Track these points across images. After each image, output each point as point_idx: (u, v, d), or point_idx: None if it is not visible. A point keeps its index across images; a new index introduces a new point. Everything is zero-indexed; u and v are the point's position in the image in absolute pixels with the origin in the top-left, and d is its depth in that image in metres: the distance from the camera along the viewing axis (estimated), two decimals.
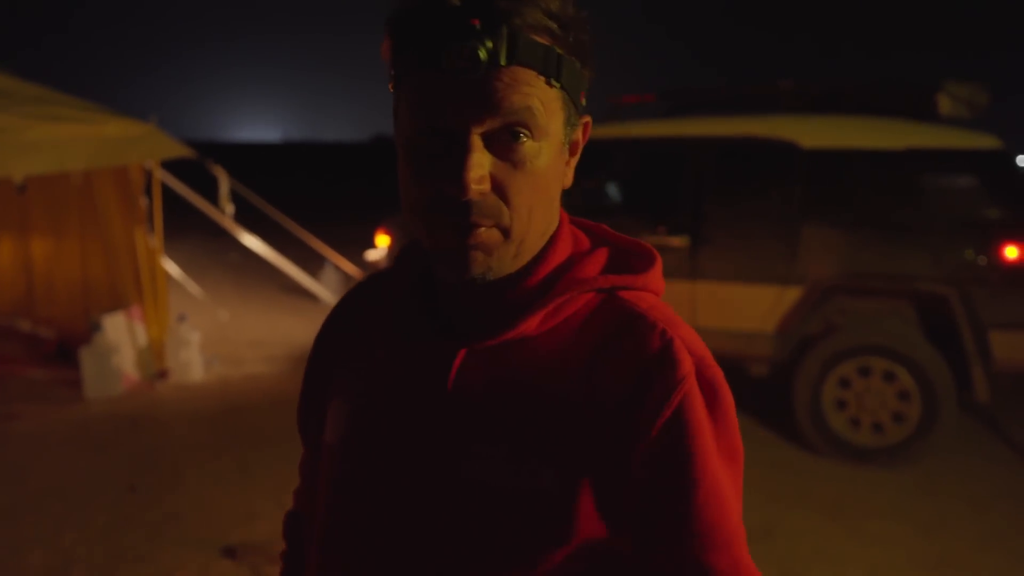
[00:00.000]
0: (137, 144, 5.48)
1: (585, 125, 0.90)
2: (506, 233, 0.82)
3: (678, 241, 4.87)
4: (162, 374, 6.09)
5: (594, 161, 5.66)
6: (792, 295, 4.70)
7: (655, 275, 0.91)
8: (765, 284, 4.76)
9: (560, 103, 0.82)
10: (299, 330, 7.73)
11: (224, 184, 6.41)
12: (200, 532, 3.83)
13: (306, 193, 19.52)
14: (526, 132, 0.79)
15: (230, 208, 6.47)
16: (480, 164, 0.78)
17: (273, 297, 9.25)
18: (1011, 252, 4.32)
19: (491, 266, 0.83)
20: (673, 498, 0.79)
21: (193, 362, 6.14)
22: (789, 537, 3.84)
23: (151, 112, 5.97)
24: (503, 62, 0.76)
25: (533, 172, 0.81)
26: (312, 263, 8.71)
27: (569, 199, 4.40)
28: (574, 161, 0.90)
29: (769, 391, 5.32)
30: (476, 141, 0.78)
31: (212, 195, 6.65)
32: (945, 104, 4.62)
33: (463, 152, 0.78)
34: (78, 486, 4.31)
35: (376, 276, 1.07)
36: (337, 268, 8.67)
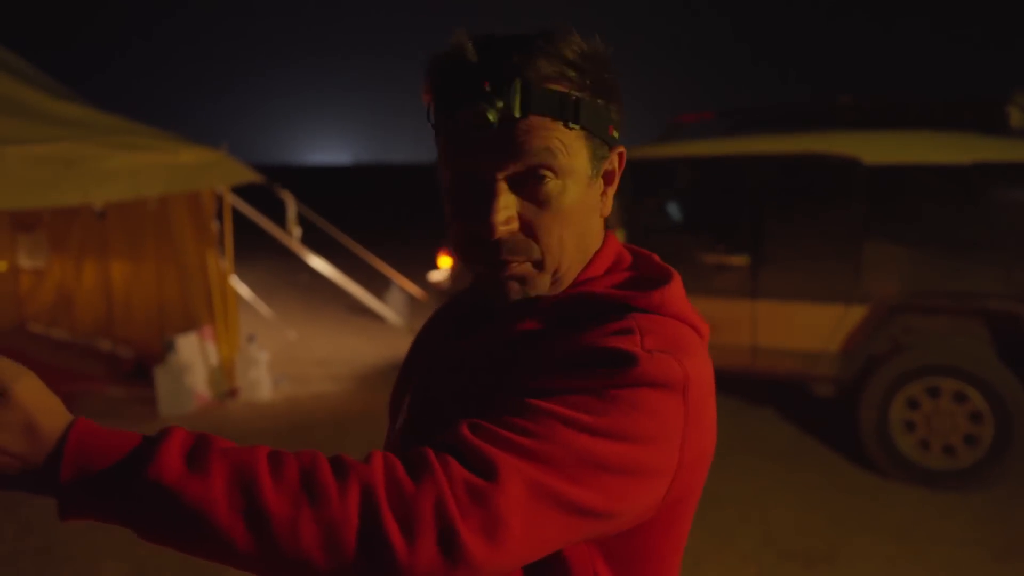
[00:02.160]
0: (209, 170, 5.68)
1: (620, 155, 0.95)
2: (539, 266, 0.90)
3: (738, 260, 4.83)
4: (232, 392, 6.27)
5: (655, 180, 5.66)
6: (857, 314, 4.61)
7: (663, 296, 0.91)
8: (828, 303, 4.68)
9: (582, 141, 0.88)
10: (365, 350, 7.87)
11: (291, 208, 6.59)
12: None
13: (374, 214, 19.88)
14: (549, 173, 0.86)
15: (297, 231, 6.65)
16: (506, 206, 0.86)
17: (340, 317, 9.43)
18: None
19: (527, 293, 0.91)
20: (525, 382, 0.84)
21: (262, 381, 6.30)
22: (853, 562, 3.75)
23: (223, 139, 6.19)
24: (517, 114, 0.83)
25: (559, 209, 0.88)
26: (378, 284, 8.86)
27: (630, 219, 4.45)
28: (611, 190, 0.96)
29: (835, 412, 5.21)
30: (502, 185, 0.86)
31: (280, 219, 6.84)
32: (1016, 116, 4.49)
33: (490, 196, 0.86)
34: None
35: (466, 290, 1.18)
36: (402, 289, 8.80)
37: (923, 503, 4.34)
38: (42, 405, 0.71)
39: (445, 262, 6.47)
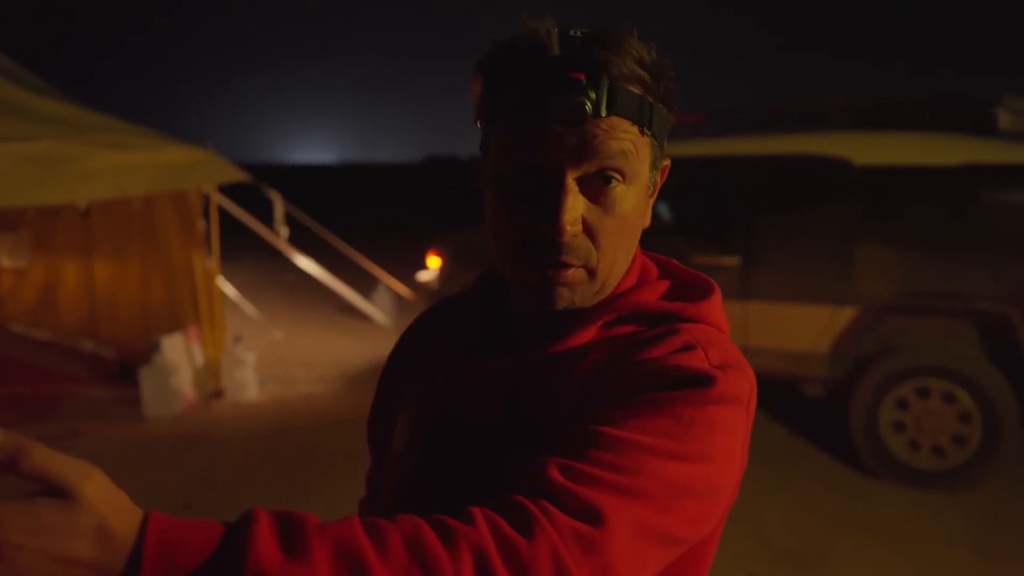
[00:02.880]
0: (195, 169, 5.62)
1: (666, 167, 0.93)
2: (592, 273, 0.87)
3: (729, 261, 4.82)
4: (218, 393, 6.21)
5: None
6: (847, 315, 4.61)
7: (710, 307, 0.91)
8: (819, 303, 4.68)
9: (649, 148, 0.86)
10: (352, 350, 7.82)
11: (279, 207, 6.55)
12: None
13: (360, 214, 19.80)
14: (618, 177, 0.83)
15: (284, 231, 6.60)
16: (575, 207, 0.82)
17: (327, 318, 9.37)
18: None
19: (574, 301, 0.87)
20: (617, 415, 0.78)
21: (248, 382, 6.25)
22: (844, 562, 3.75)
23: (208, 137, 6.14)
24: (603, 113, 0.80)
25: (621, 215, 0.85)
26: (365, 284, 8.82)
27: None
28: (652, 201, 0.93)
29: (825, 413, 5.22)
30: (572, 184, 0.82)
31: (267, 218, 6.79)
32: (1005, 118, 4.50)
33: (560, 194, 0.82)
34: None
35: (452, 297, 1.13)
36: (389, 289, 8.76)
37: (913, 503, 4.35)
38: (113, 504, 0.62)
39: (434, 262, 6.43)
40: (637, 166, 0.84)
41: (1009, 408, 4.31)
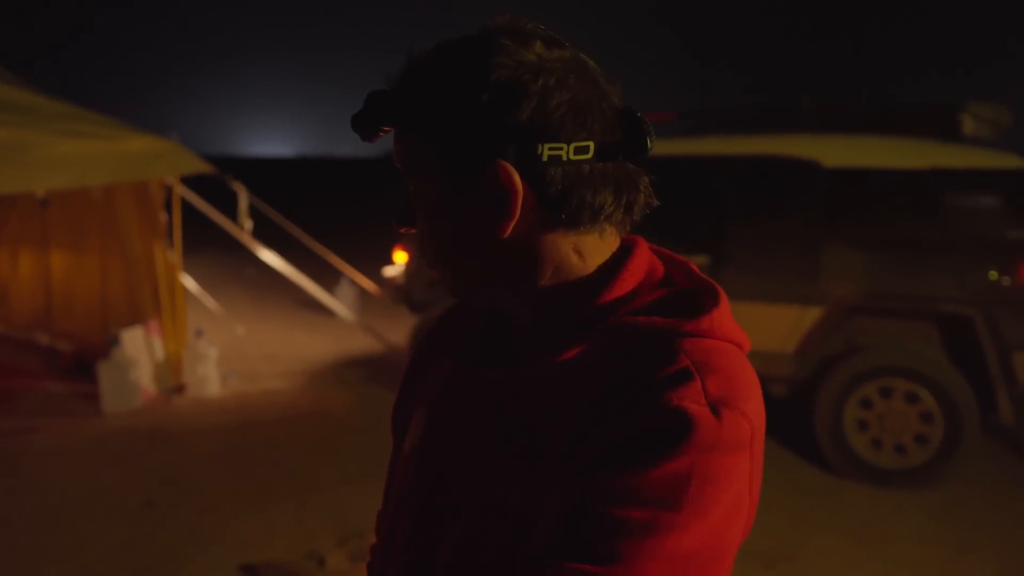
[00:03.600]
0: (158, 160, 5.50)
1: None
2: (443, 277, 0.95)
3: (698, 260, 4.85)
4: (179, 388, 6.10)
5: None
6: (813, 315, 4.67)
7: (716, 319, 0.84)
8: (786, 304, 4.72)
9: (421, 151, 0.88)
10: (315, 346, 7.74)
11: (244, 200, 6.44)
12: (219, 549, 3.82)
13: (320, 208, 19.59)
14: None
15: (249, 224, 6.49)
16: (407, 206, 0.93)
17: (290, 312, 9.26)
18: None
19: (459, 296, 0.95)
20: (617, 493, 0.73)
21: (210, 377, 6.14)
22: (812, 560, 3.79)
23: (169, 128, 5.96)
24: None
25: (432, 215, 0.90)
26: (328, 278, 8.71)
27: None
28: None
29: (791, 412, 5.28)
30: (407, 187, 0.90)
31: (230, 210, 6.68)
32: (969, 124, 4.59)
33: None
34: (96, 501, 4.31)
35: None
36: (353, 283, 8.67)
37: (878, 501, 4.42)
38: None
39: (400, 257, 6.38)
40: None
41: (970, 408, 4.39)
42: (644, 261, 0.91)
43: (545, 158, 0.80)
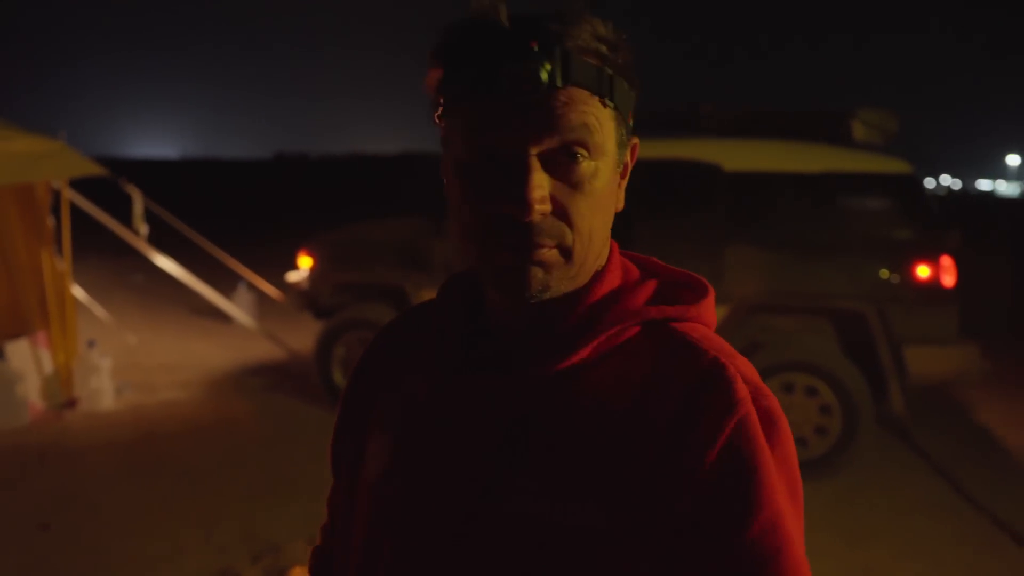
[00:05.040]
0: (45, 161, 5.22)
1: (633, 147, 0.90)
2: (567, 254, 0.82)
3: None
4: (70, 403, 5.80)
5: None
6: (718, 314, 4.80)
7: (706, 306, 0.89)
8: None
9: (614, 122, 0.83)
10: (214, 354, 7.49)
11: (139, 204, 6.17)
12: (124, 571, 3.65)
13: (209, 211, 18.96)
14: (583, 151, 0.80)
15: (144, 229, 6.23)
16: (541, 184, 0.78)
17: (184, 320, 8.94)
18: (923, 271, 4.55)
19: (549, 284, 0.82)
20: (727, 529, 0.76)
21: (103, 389, 5.86)
22: None
23: (40, 128, 5.62)
24: (559, 83, 0.77)
25: (592, 192, 0.81)
26: (225, 284, 8.44)
27: None
28: (624, 183, 0.90)
29: None
30: (535, 162, 0.78)
31: (117, 213, 6.39)
32: (859, 130, 4.83)
33: (524, 173, 0.78)
34: None
35: (419, 306, 1.06)
36: (251, 288, 8.44)
37: None
38: None
39: (305, 262, 6.24)
40: (602, 140, 0.81)
41: (865, 400, 4.62)
42: (617, 256, 0.93)
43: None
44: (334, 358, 5.82)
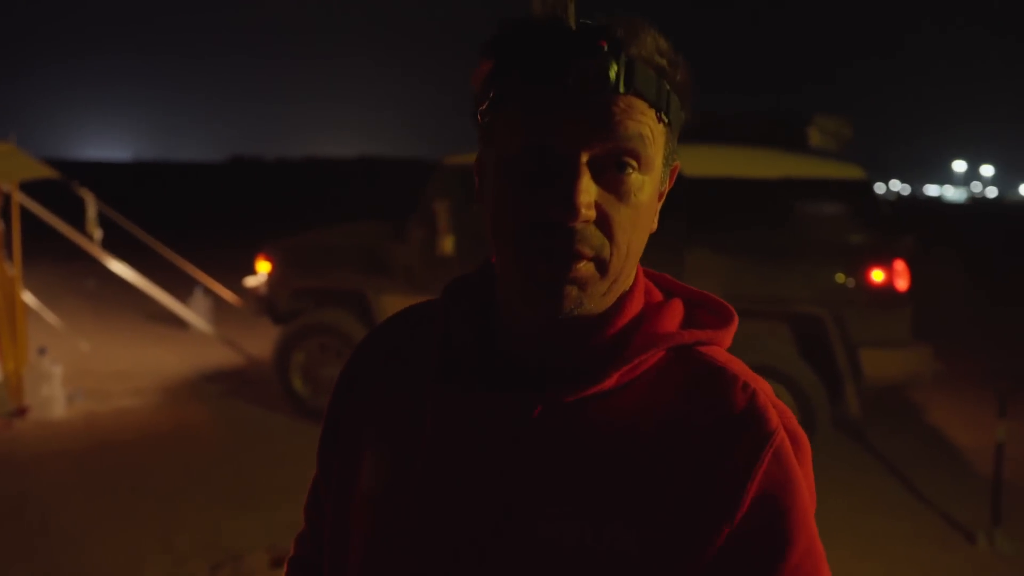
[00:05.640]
0: None
1: (673, 169, 0.87)
2: (603, 268, 0.79)
3: None
4: (20, 411, 5.65)
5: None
6: None
7: (732, 331, 0.89)
8: None
9: (664, 138, 0.81)
10: (169, 360, 7.36)
11: (92, 207, 6.05)
12: None
13: (163, 214, 18.68)
14: (633, 163, 0.77)
15: (98, 233, 6.11)
16: (589, 190, 0.76)
17: (138, 326, 8.77)
18: (877, 275, 4.64)
19: (583, 302, 0.79)
20: (771, 557, 0.76)
21: (55, 397, 5.73)
22: None
23: (9, 129, 5.50)
24: (622, 88, 0.75)
25: (636, 206, 0.79)
26: (181, 289, 8.31)
27: (460, 225, 4.46)
28: (660, 205, 0.87)
29: None
30: (584, 166, 0.76)
31: (71, 217, 6.26)
32: (815, 136, 4.91)
33: (573, 175, 0.75)
34: None
35: (412, 310, 1.02)
36: (207, 293, 8.31)
37: None
38: None
39: (263, 267, 6.17)
40: (653, 154, 0.79)
41: (821, 402, 4.70)
42: (643, 277, 0.90)
43: None
44: (293, 364, 5.77)
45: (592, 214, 0.76)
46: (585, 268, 0.78)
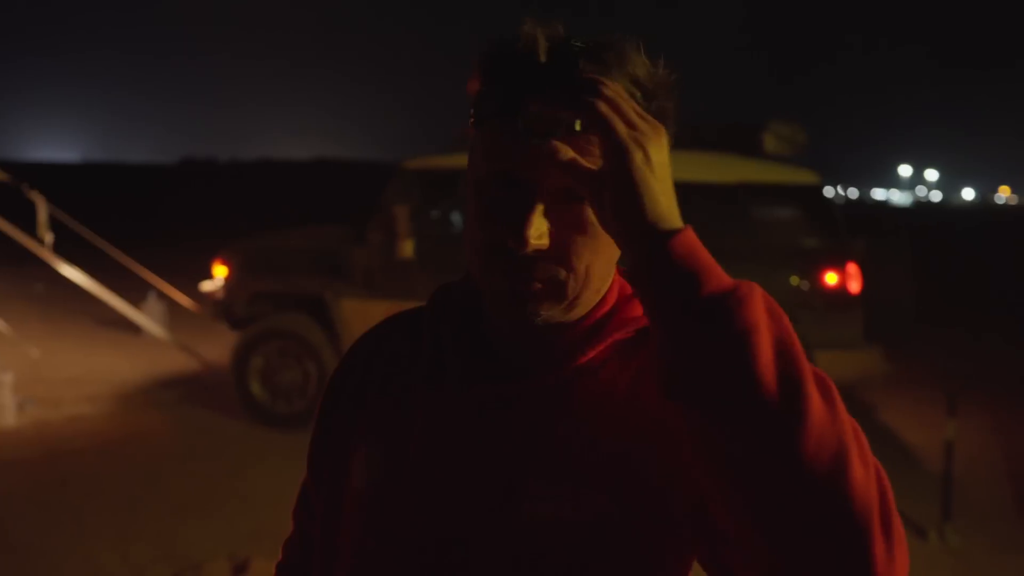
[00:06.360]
0: None
1: None
2: (559, 293, 0.82)
3: None
4: None
5: (441, 190, 5.69)
6: None
7: None
8: None
9: None
10: (123, 366, 7.23)
11: (43, 211, 5.92)
12: None
13: (114, 216, 18.31)
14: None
15: (49, 237, 5.98)
16: (540, 223, 0.79)
17: (90, 331, 8.60)
18: (831, 278, 4.74)
19: (541, 314, 0.83)
20: None
21: (4, 405, 5.60)
22: None
23: None
24: (578, 128, 0.76)
25: (596, 235, 0.81)
26: (133, 292, 8.16)
27: (418, 228, 4.45)
28: None
29: None
30: (540, 197, 0.79)
31: (18, 219, 6.12)
32: (770, 142, 5.01)
33: (527, 207, 0.78)
34: None
35: (401, 316, 1.05)
36: (161, 297, 8.17)
37: None
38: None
39: (220, 271, 6.10)
40: None
41: None
42: (617, 282, 0.94)
43: None
44: (251, 369, 5.70)
45: (544, 243, 0.79)
46: (542, 291, 0.82)
